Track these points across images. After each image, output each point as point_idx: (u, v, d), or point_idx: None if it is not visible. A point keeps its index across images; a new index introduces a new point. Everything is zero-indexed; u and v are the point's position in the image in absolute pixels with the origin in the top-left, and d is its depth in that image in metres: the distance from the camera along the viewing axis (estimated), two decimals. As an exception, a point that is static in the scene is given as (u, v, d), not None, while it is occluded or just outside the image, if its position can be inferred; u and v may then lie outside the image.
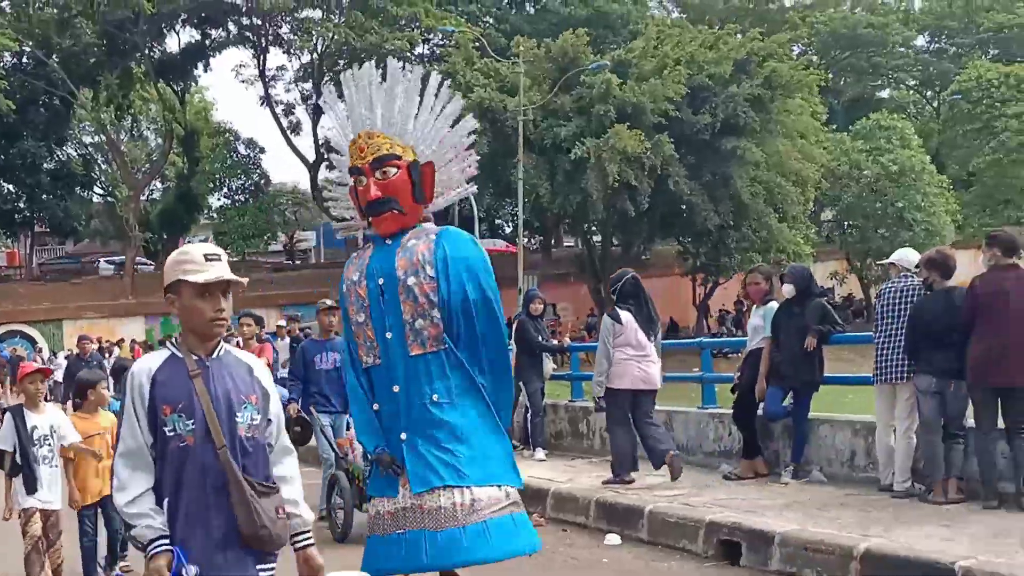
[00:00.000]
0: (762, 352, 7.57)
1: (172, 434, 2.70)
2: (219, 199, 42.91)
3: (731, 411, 8.17)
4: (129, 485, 2.68)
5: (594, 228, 34.98)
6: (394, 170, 4.09)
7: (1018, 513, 5.85)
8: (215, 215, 43.69)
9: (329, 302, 7.88)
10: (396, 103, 4.16)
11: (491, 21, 41.38)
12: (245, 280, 2.87)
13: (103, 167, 43.91)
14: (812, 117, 36.56)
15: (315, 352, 7.82)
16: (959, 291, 6.54)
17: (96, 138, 41.05)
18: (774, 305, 7.70)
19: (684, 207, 31.39)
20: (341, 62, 39.62)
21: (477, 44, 34.79)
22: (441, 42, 38.73)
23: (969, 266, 42.54)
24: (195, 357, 2.78)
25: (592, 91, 30.14)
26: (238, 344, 8.82)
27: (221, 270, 2.76)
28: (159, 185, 43.83)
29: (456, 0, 40.31)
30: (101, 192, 44.75)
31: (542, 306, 10.16)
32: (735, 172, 31.17)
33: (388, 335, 4.09)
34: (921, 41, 54.41)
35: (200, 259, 2.76)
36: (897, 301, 6.85)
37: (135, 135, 41.70)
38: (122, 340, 29.43)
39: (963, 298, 6.42)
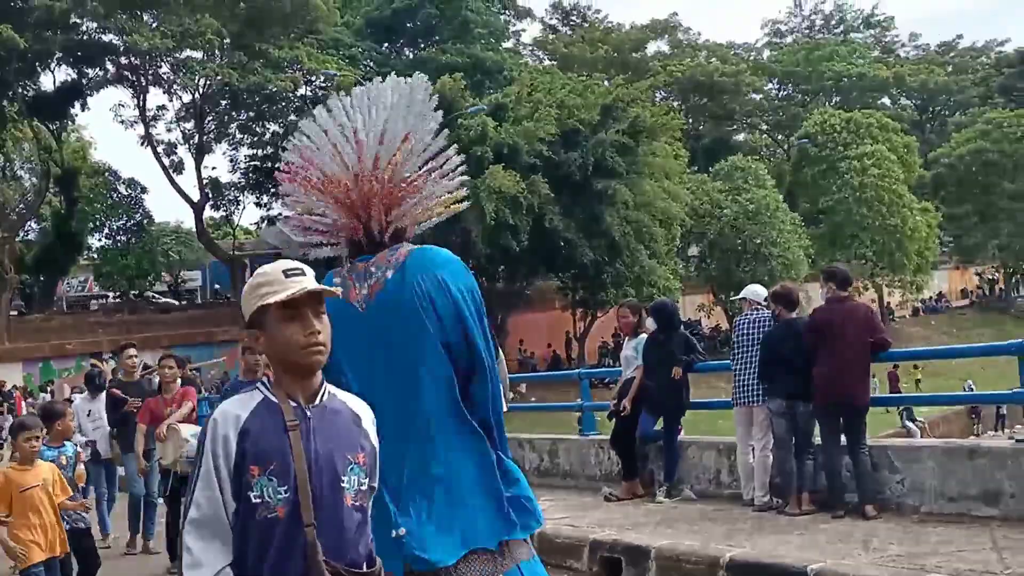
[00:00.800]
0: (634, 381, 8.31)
1: (259, 501, 2.15)
2: (100, 240, 42.26)
3: (608, 437, 8.80)
4: (203, 561, 2.15)
5: (475, 265, 36.38)
6: None
7: (861, 520, 6.47)
8: (96, 256, 42.94)
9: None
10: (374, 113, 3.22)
11: (372, 65, 42.62)
12: (338, 290, 2.43)
13: (-27, 208, 42.57)
14: (675, 159, 39.15)
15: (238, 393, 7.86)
16: (802, 320, 7.31)
17: (-35, 178, 39.91)
18: (643, 337, 8.36)
19: (562, 244, 33.03)
20: (223, 102, 40.08)
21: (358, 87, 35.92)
22: (323, 84, 39.65)
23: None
24: (293, 404, 2.24)
25: (470, 133, 31.63)
26: (158, 384, 9.03)
27: (308, 284, 2.26)
28: (35, 226, 42.77)
29: (338, 44, 41.36)
30: (-29, 233, 43.30)
31: None
32: (607, 211, 33.02)
33: None
34: (771, 87, 58.66)
35: (280, 277, 2.27)
36: (750, 331, 7.61)
37: (8, 175, 40.69)
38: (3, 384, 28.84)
39: (805, 327, 7.16)
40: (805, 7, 66.05)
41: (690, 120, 52.93)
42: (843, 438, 6.89)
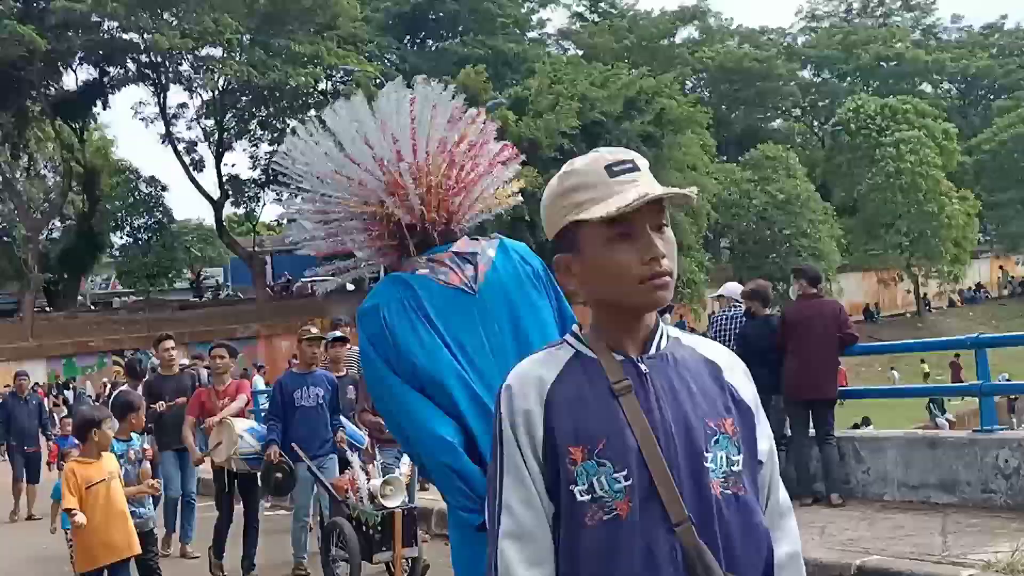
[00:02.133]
0: None
1: (587, 498, 1.51)
2: (121, 238, 42.48)
3: None
4: None
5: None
6: None
7: (826, 509, 6.82)
8: (118, 254, 43.17)
9: (314, 330, 7.32)
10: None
11: (393, 59, 42.21)
12: (692, 190, 1.59)
13: (-1, 207, 43.07)
14: (702, 149, 38.33)
15: (295, 387, 6.91)
16: (775, 317, 7.64)
17: (-9, 178, 40.28)
18: None
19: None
20: (243, 99, 39.94)
21: (378, 82, 35.59)
22: (343, 79, 39.34)
23: (857, 288, 44.61)
24: (619, 358, 1.59)
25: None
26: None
27: (644, 185, 1.56)
28: (58, 224, 43.13)
29: (357, 39, 41.01)
30: (-3, 233, 43.81)
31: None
32: (631, 204, 32.49)
33: None
34: (805, 74, 57.27)
35: (602, 175, 1.57)
36: (725, 328, 8.00)
37: (32, 174, 41.01)
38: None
39: (777, 323, 7.49)
40: (843, -10, 64.30)
41: (723, 107, 51.86)
42: (811, 430, 7.24)
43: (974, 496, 6.50)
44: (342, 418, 7.16)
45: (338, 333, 8.10)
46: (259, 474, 7.04)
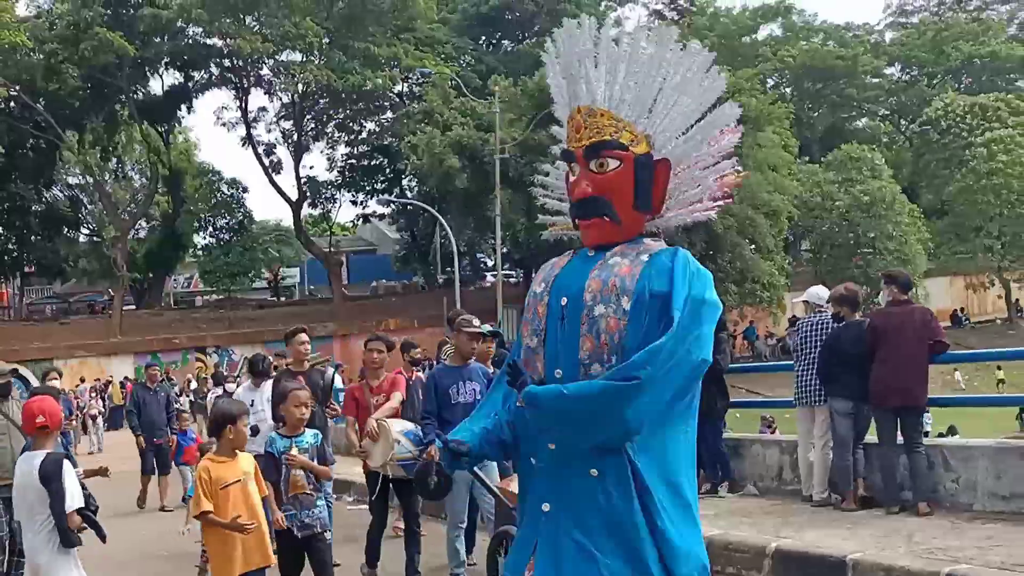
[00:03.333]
0: None
1: None
2: (204, 238, 43.56)
3: None
4: None
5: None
6: (615, 163, 2.88)
7: (913, 517, 6.69)
8: (200, 254, 44.29)
9: (476, 323, 6.77)
10: (628, 73, 2.92)
11: (469, 60, 42.30)
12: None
13: (89, 208, 44.62)
14: (784, 149, 37.40)
15: (450, 382, 6.39)
16: (866, 323, 7.38)
17: (82, 180, 41.78)
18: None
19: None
20: (321, 102, 40.57)
21: (454, 83, 35.72)
22: (420, 81, 39.60)
23: (944, 293, 42.91)
24: None
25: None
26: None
27: None
28: (144, 225, 44.48)
29: (434, 41, 41.26)
30: (88, 233, 45.42)
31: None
32: (707, 204, 31.89)
33: (557, 373, 2.83)
34: (892, 71, 55.44)
35: None
36: (811, 334, 7.73)
37: (120, 176, 42.41)
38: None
39: (866, 329, 7.23)
40: (936, -16, 62.06)
41: (806, 105, 50.54)
42: (899, 437, 7.10)
43: (1070, 506, 6.31)
44: None
45: (490, 327, 7.50)
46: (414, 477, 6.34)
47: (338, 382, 16.80)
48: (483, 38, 45.49)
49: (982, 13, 60.16)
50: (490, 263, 44.91)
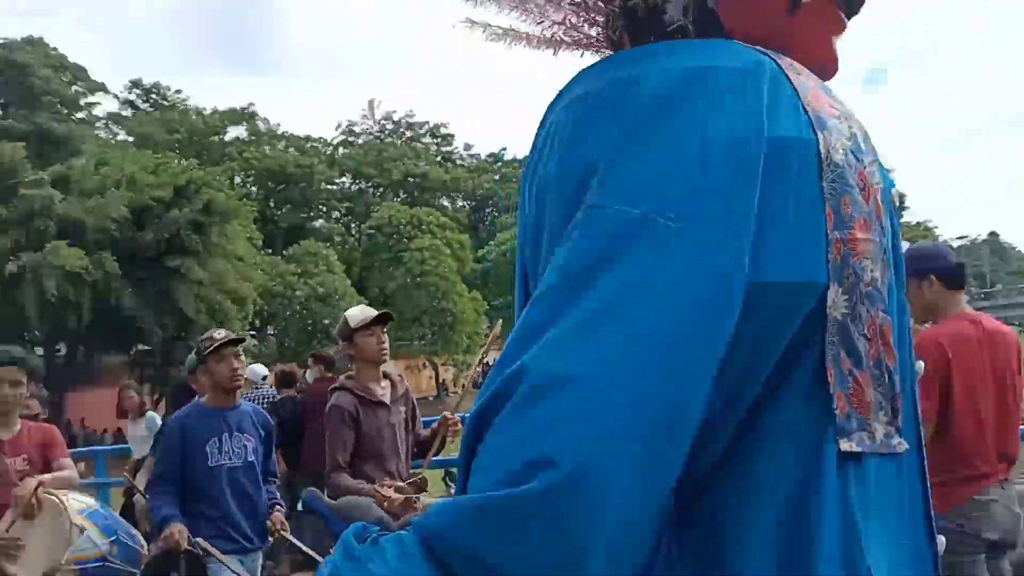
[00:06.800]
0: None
1: None
2: None
3: None
4: None
5: (31, 341, 34.70)
6: None
7: None
8: None
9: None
10: None
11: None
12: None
13: None
14: (249, 241, 40.69)
15: (204, 434, 4.41)
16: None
17: None
18: (152, 415, 8.62)
19: (131, 320, 32.89)
20: None
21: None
22: None
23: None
24: None
25: (34, 204, 30.65)
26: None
27: None
28: None
29: None
30: None
31: None
32: (180, 289, 33.65)
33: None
34: (345, 180, 62.93)
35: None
36: (261, 406, 8.54)
37: None
38: None
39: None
40: (377, 114, 71.87)
41: (270, 203, 54.84)
42: None
43: None
44: None
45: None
46: None
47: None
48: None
49: (413, 142, 71.32)
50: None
